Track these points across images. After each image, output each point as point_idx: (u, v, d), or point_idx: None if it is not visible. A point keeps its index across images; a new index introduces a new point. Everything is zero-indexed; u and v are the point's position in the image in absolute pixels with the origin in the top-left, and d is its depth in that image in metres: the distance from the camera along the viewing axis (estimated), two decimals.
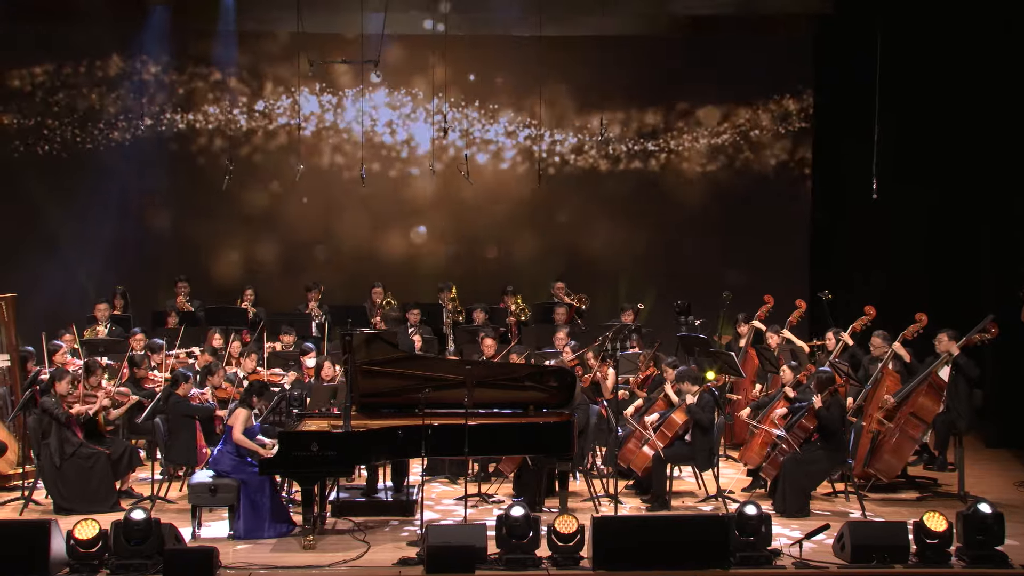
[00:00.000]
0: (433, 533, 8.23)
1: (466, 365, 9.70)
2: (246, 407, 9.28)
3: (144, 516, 8.06)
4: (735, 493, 10.39)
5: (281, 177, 15.45)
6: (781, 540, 8.72)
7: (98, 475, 9.70)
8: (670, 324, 13.63)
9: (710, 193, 15.74)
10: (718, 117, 15.78)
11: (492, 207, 15.76)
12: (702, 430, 10.00)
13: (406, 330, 13.06)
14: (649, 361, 11.38)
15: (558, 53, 15.02)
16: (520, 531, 8.29)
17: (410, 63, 15.49)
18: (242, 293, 13.99)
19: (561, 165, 15.80)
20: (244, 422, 9.18)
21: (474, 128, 15.63)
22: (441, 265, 15.53)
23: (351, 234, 15.73)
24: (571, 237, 15.78)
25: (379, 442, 8.96)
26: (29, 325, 11.89)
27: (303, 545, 8.72)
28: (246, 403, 9.32)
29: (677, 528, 8.50)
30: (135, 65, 15.33)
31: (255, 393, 9.38)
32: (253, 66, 15.53)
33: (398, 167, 15.74)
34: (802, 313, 12.42)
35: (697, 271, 15.22)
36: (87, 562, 7.99)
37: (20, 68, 15.28)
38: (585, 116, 15.77)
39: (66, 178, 15.20)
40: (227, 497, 9.07)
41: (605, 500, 10.05)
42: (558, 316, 13.56)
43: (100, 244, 15.03)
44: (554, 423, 9.28)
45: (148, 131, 15.35)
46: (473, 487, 10.23)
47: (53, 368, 10.81)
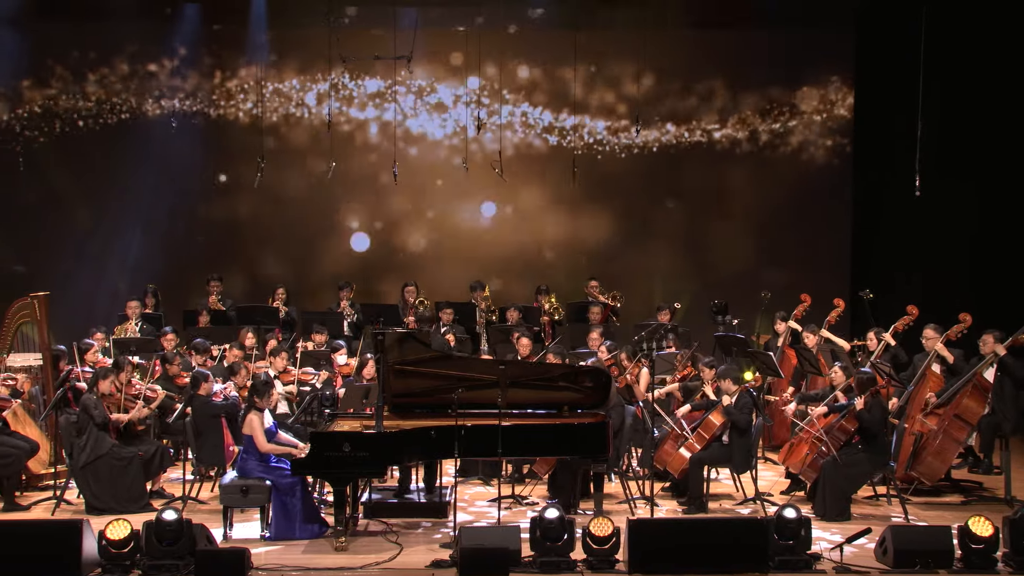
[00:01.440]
0: (466, 535, 8.22)
1: (499, 365, 9.67)
2: (254, 411, 9.28)
3: (176, 516, 8.09)
4: (774, 496, 10.32)
5: (314, 174, 15.51)
6: (821, 544, 8.64)
7: (130, 475, 9.77)
8: (707, 324, 13.56)
9: (748, 189, 15.66)
10: (757, 113, 15.69)
11: (525, 203, 15.74)
12: (740, 431, 9.93)
13: (439, 329, 13.07)
14: (686, 361, 11.33)
15: (593, 44, 14.99)
16: (555, 533, 8.27)
17: (443, 58, 15.51)
18: (273, 292, 14.05)
19: (595, 162, 15.76)
20: (259, 427, 9.18)
21: (508, 123, 15.62)
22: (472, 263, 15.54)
23: (382, 232, 15.76)
24: (606, 234, 15.74)
25: (411, 443, 8.95)
26: (61, 323, 11.99)
27: (335, 547, 8.73)
28: (252, 407, 9.31)
29: (714, 531, 8.45)
30: (167, 63, 15.43)
31: (256, 394, 9.37)
32: (285, 62, 15.60)
33: (431, 164, 15.76)
34: (840, 312, 12.31)
35: (735, 269, 15.13)
36: (119, 562, 8.04)
37: (53, 64, 15.42)
38: (621, 111, 15.72)
39: (98, 177, 15.34)
40: (258, 498, 9.10)
41: (641, 502, 10.01)
42: (592, 315, 13.52)
43: (132, 243, 15.17)
44: (589, 424, 9.24)
45: (180, 130, 15.45)
46: (507, 488, 10.20)
47: (85, 367, 10.91)
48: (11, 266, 15.21)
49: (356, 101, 15.68)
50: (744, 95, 15.67)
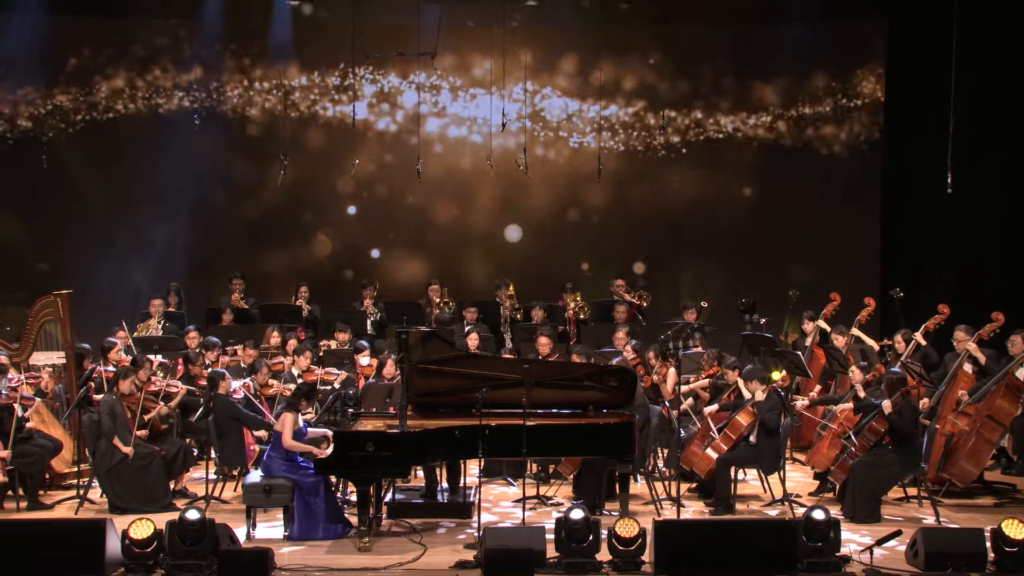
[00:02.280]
0: (491, 536, 8.22)
1: (524, 364, 9.67)
2: (292, 411, 9.30)
3: (199, 516, 8.12)
4: (802, 497, 10.27)
5: (337, 171, 15.55)
6: (851, 546, 8.60)
7: (153, 474, 9.82)
8: (734, 323, 13.50)
9: (776, 186, 15.58)
10: (785, 107, 15.61)
11: (550, 200, 15.72)
12: (767, 432, 9.89)
13: (462, 328, 13.07)
14: (713, 360, 11.28)
15: (618, 38, 14.95)
16: (580, 534, 8.26)
17: (468, 53, 15.51)
18: (296, 290, 14.08)
19: (621, 158, 15.73)
20: (292, 426, 9.21)
21: (532, 119, 15.60)
22: (499, 261, 15.54)
23: (407, 229, 15.78)
24: (631, 232, 15.69)
25: (435, 442, 8.96)
26: (84, 322, 12.05)
27: (359, 547, 8.75)
28: (293, 407, 9.34)
29: (742, 532, 8.42)
30: (190, 59, 15.49)
31: (303, 397, 9.41)
32: (309, 58, 15.63)
33: (456, 160, 15.77)
34: (871, 311, 12.24)
35: (762, 268, 15.07)
36: (142, 562, 8.07)
37: (76, 61, 15.51)
38: (647, 107, 15.68)
39: (121, 174, 15.42)
40: (282, 498, 9.13)
41: (667, 503, 9.99)
42: (618, 314, 13.50)
43: (155, 240, 15.25)
44: (614, 424, 9.22)
45: (203, 127, 15.50)
46: (531, 489, 10.21)
47: (108, 366, 10.96)
48: (34, 264, 15.32)
49: (379, 97, 15.69)
50: (772, 89, 15.58)
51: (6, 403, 9.95)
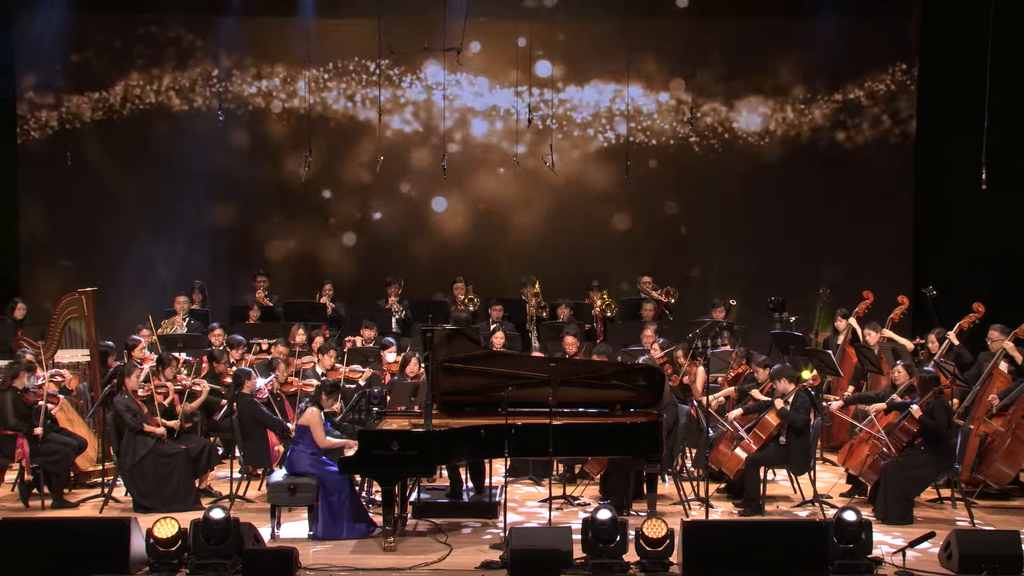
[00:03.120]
0: (517, 536, 8.22)
1: (550, 362, 9.66)
2: (316, 406, 9.34)
3: (223, 515, 8.15)
4: (833, 498, 10.22)
5: (362, 168, 15.57)
6: (883, 548, 8.55)
7: (177, 473, 9.86)
8: (763, 321, 13.45)
9: (806, 183, 15.49)
10: (816, 102, 15.53)
11: (577, 197, 15.70)
12: (797, 431, 9.84)
13: (488, 326, 13.07)
14: (741, 359, 11.24)
15: (646, 33, 14.90)
16: (607, 535, 8.24)
17: (493, 49, 15.50)
18: (321, 288, 14.12)
19: (649, 154, 15.68)
20: (320, 423, 9.24)
21: (559, 115, 15.58)
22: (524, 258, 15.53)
23: (433, 226, 15.80)
24: (658, 229, 15.66)
25: (461, 442, 8.95)
26: (109, 320, 12.13)
27: (384, 547, 8.77)
28: (316, 402, 9.37)
29: (772, 534, 8.38)
30: (213, 54, 15.55)
31: (326, 392, 9.44)
32: (332, 54, 15.66)
33: (480, 156, 15.77)
34: (904, 310, 12.16)
35: (792, 265, 15.00)
36: (167, 561, 8.11)
37: (100, 58, 15.60)
38: (675, 100, 15.63)
39: (145, 171, 15.52)
40: (306, 497, 9.16)
41: (695, 504, 9.95)
42: (646, 312, 13.47)
43: (179, 237, 15.33)
44: (642, 423, 9.20)
45: (226, 124, 15.56)
46: (558, 489, 10.21)
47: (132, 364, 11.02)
48: (59, 261, 15.44)
49: (405, 92, 15.71)
50: (804, 84, 15.50)
51: (33, 400, 10.03)
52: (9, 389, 9.99)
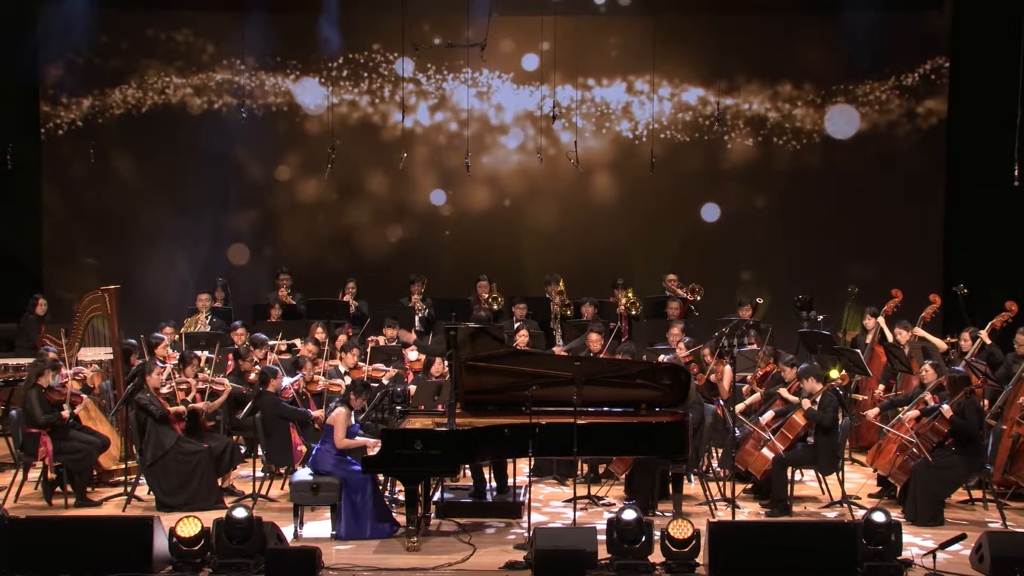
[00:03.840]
0: (541, 536, 8.22)
1: (575, 361, 9.66)
2: (346, 407, 9.37)
3: (246, 514, 8.18)
4: (861, 499, 10.17)
5: (385, 165, 15.61)
6: (912, 550, 8.51)
7: (200, 472, 9.91)
8: (791, 319, 13.39)
9: (834, 178, 15.42)
10: (842, 97, 15.45)
11: (601, 194, 15.68)
12: (824, 431, 9.80)
13: (512, 325, 13.07)
14: (768, 358, 11.20)
15: (671, 29, 14.86)
16: (632, 535, 8.23)
17: (517, 44, 15.50)
18: (344, 286, 14.14)
19: (674, 150, 15.65)
20: (344, 423, 9.26)
21: (583, 112, 15.56)
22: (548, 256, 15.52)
23: (457, 224, 15.81)
24: (684, 226, 15.62)
25: (484, 441, 8.96)
26: (131, 317, 12.19)
27: (407, 547, 8.79)
28: (345, 402, 9.40)
29: (799, 535, 8.35)
30: (237, 52, 15.60)
31: (355, 392, 9.47)
32: (357, 51, 15.69)
33: (504, 153, 15.77)
34: (936, 309, 12.08)
35: (820, 263, 14.92)
36: (189, 560, 8.15)
37: (124, 56, 15.69)
38: (700, 97, 15.58)
39: (168, 169, 15.61)
40: (329, 496, 9.18)
41: (722, 504, 9.93)
42: (671, 310, 13.43)
43: (201, 235, 15.40)
44: (667, 423, 9.18)
45: (250, 121, 15.60)
46: (582, 489, 10.20)
47: (155, 362, 11.07)
48: (82, 259, 15.54)
49: (429, 90, 15.73)
50: (833, 79, 15.41)
51: (57, 399, 10.09)
52: (34, 387, 10.06)
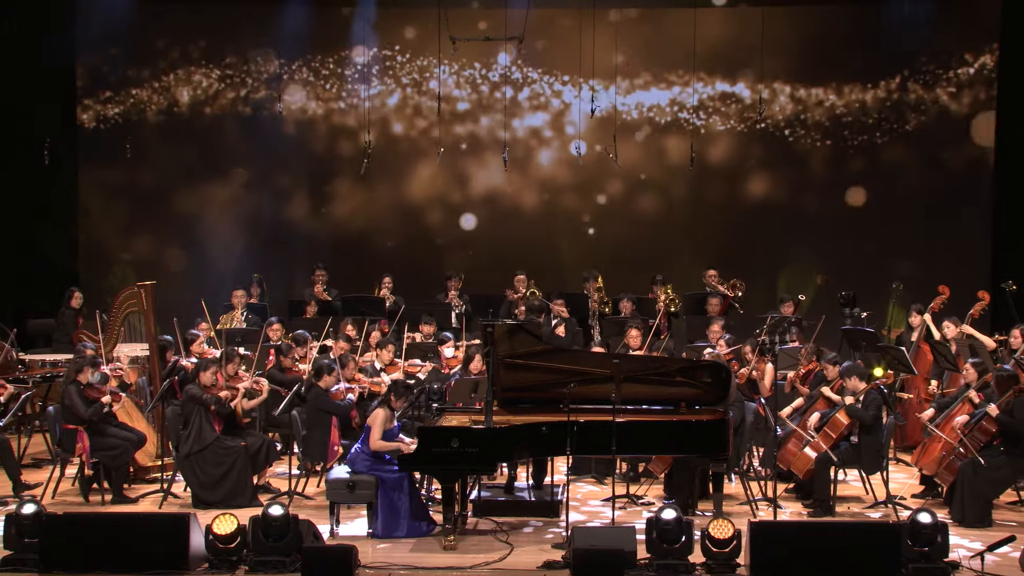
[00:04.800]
0: (579, 535, 8.21)
1: (613, 359, 9.64)
2: (386, 408, 9.39)
3: (282, 512, 8.22)
4: (906, 499, 10.08)
5: (420, 160, 15.64)
6: (960, 552, 8.42)
7: (236, 469, 9.97)
8: (834, 316, 13.29)
9: (877, 171, 15.29)
10: (887, 88, 15.30)
11: (640, 190, 15.64)
12: (866, 429, 9.71)
13: (549, 321, 13.06)
14: (811, 356, 11.13)
15: (713, 20, 14.77)
16: (672, 535, 8.21)
17: (555, 38, 15.47)
18: (380, 281, 14.17)
19: (715, 145, 15.57)
20: (382, 424, 9.27)
21: (623, 106, 15.51)
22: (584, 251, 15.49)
23: (492, 219, 15.81)
24: (725, 221, 15.54)
25: (522, 439, 8.96)
26: (167, 313, 12.29)
27: (444, 545, 8.80)
28: (386, 403, 9.41)
29: (842, 535, 8.31)
30: (273, 45, 15.67)
31: (396, 394, 9.48)
32: (392, 44, 15.72)
33: (542, 148, 15.76)
34: (985, 306, 11.95)
35: (864, 259, 14.80)
36: (226, 558, 8.19)
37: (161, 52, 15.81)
38: (740, 92, 15.49)
39: (204, 164, 15.73)
40: (365, 494, 9.21)
41: (763, 504, 9.88)
42: (711, 307, 13.37)
43: (237, 231, 15.50)
44: (707, 421, 9.15)
45: (285, 118, 15.69)
46: (621, 488, 10.18)
47: (191, 358, 11.16)
48: (118, 254, 15.68)
49: (466, 83, 15.74)
50: (879, 70, 15.27)
51: (96, 396, 10.18)
52: (73, 383, 10.15)
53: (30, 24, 14.85)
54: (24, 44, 14.81)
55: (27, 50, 14.82)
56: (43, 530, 8.15)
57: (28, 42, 14.85)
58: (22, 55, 14.78)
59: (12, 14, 14.69)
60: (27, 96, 14.89)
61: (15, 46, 14.73)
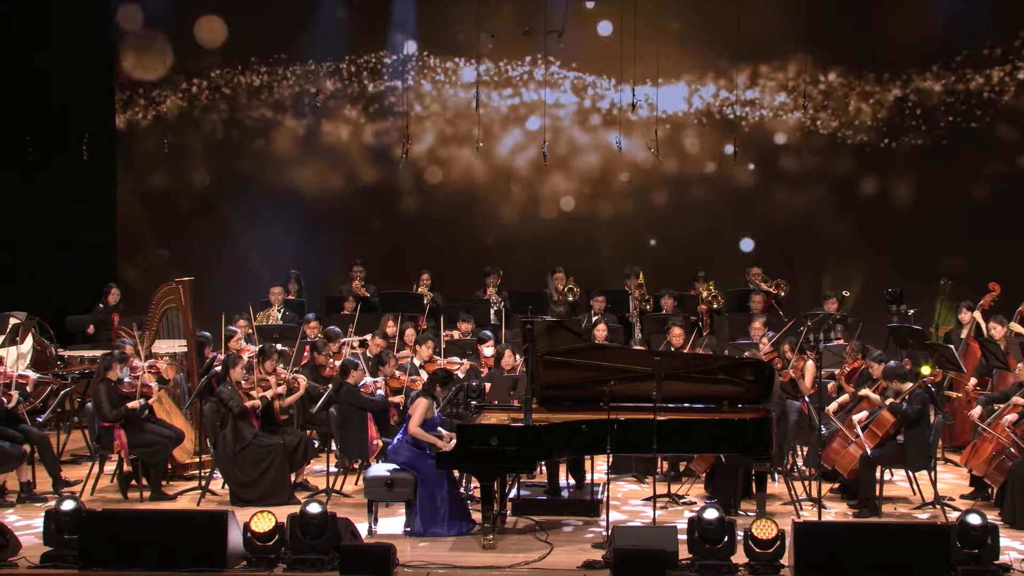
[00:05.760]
0: (620, 535, 8.20)
1: (654, 356, 9.61)
2: (428, 397, 9.41)
3: (320, 510, 8.25)
4: (955, 500, 9.99)
5: (458, 155, 15.65)
6: (1011, 554, 8.33)
7: (274, 467, 10.02)
8: (880, 314, 13.19)
9: (924, 165, 15.13)
10: (937, 80, 15.14)
11: (682, 185, 15.57)
12: (910, 424, 9.61)
13: (589, 318, 13.04)
14: (856, 353, 11.05)
15: (754, 7, 14.68)
16: (714, 535, 8.17)
17: (594, 29, 15.42)
18: (418, 277, 14.19)
19: (759, 138, 15.47)
20: (424, 412, 9.30)
21: (665, 98, 15.43)
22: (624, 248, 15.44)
23: (532, 216, 15.80)
24: (769, 217, 15.45)
25: (562, 437, 8.97)
26: (206, 309, 12.38)
27: (483, 544, 8.81)
28: (428, 393, 9.44)
29: (889, 536, 8.24)
30: (312, 40, 15.74)
31: (439, 383, 9.50)
32: (430, 40, 15.74)
33: (581, 143, 15.73)
34: (995, 297, 11.82)
35: (911, 254, 14.66)
36: (264, 556, 8.22)
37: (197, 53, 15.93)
38: (788, 84, 15.39)
39: (241, 161, 15.84)
40: (404, 492, 9.23)
41: (807, 504, 9.83)
42: (754, 304, 13.32)
43: (274, 227, 15.60)
44: (750, 420, 9.10)
45: (322, 110, 15.75)
46: (662, 487, 10.15)
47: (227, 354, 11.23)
48: (155, 250, 15.83)
49: (504, 76, 15.74)
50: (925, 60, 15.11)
51: (128, 392, 10.28)
52: (103, 381, 10.26)
53: (70, 16, 14.99)
54: (64, 38, 14.96)
55: (67, 44, 14.96)
56: (82, 527, 8.23)
57: (68, 36, 14.99)
58: (62, 49, 14.92)
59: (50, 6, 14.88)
60: (66, 90, 15.04)
61: (54, 40, 14.88)
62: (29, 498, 10.13)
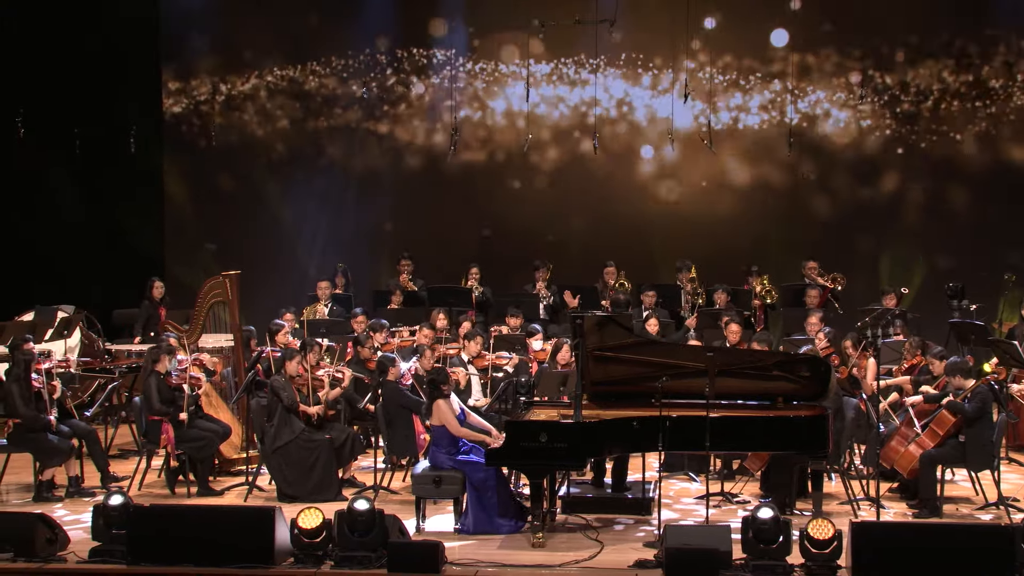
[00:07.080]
0: (672, 534, 8.17)
1: (707, 352, 9.56)
2: (441, 397, 9.38)
3: (368, 506, 8.27)
4: (1020, 501, 9.86)
5: (506, 149, 15.66)
6: None
7: (322, 462, 10.08)
8: (941, 309, 13.05)
9: (986, 156, 14.95)
10: (991, 65, 14.94)
11: (736, 177, 15.49)
12: (969, 422, 9.49)
13: (640, 313, 13.00)
14: (915, 349, 10.94)
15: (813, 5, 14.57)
16: (769, 535, 8.12)
17: (645, 21, 15.36)
18: (467, 272, 14.21)
19: (814, 129, 15.36)
20: (449, 412, 9.30)
21: (719, 91, 15.36)
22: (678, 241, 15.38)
23: (582, 210, 15.78)
24: (825, 210, 15.33)
25: (613, 434, 8.93)
26: (252, 304, 12.48)
27: (532, 542, 8.80)
28: (439, 394, 9.39)
29: (950, 537, 8.14)
30: (358, 34, 15.82)
31: (441, 381, 9.49)
32: (481, 29, 15.76)
33: (633, 135, 15.68)
34: None
35: (972, 248, 14.49)
36: (311, 553, 8.26)
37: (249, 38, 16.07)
38: (842, 75, 15.25)
39: (288, 154, 15.94)
40: (452, 489, 9.26)
41: (865, 504, 9.74)
42: (810, 299, 13.22)
43: (321, 221, 15.69)
44: (806, 417, 9.03)
45: (369, 106, 15.82)
46: (715, 485, 10.11)
47: (276, 349, 11.31)
48: (203, 243, 15.98)
49: (553, 68, 15.72)
50: (987, 52, 14.93)
51: (177, 383, 10.38)
52: (152, 374, 10.36)
53: (114, 10, 15.17)
54: (110, 30, 15.13)
55: (113, 36, 15.13)
56: (130, 522, 8.31)
57: (114, 28, 15.16)
58: (108, 41, 15.09)
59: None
60: (113, 83, 15.21)
61: (101, 32, 15.06)
62: (77, 493, 10.25)
